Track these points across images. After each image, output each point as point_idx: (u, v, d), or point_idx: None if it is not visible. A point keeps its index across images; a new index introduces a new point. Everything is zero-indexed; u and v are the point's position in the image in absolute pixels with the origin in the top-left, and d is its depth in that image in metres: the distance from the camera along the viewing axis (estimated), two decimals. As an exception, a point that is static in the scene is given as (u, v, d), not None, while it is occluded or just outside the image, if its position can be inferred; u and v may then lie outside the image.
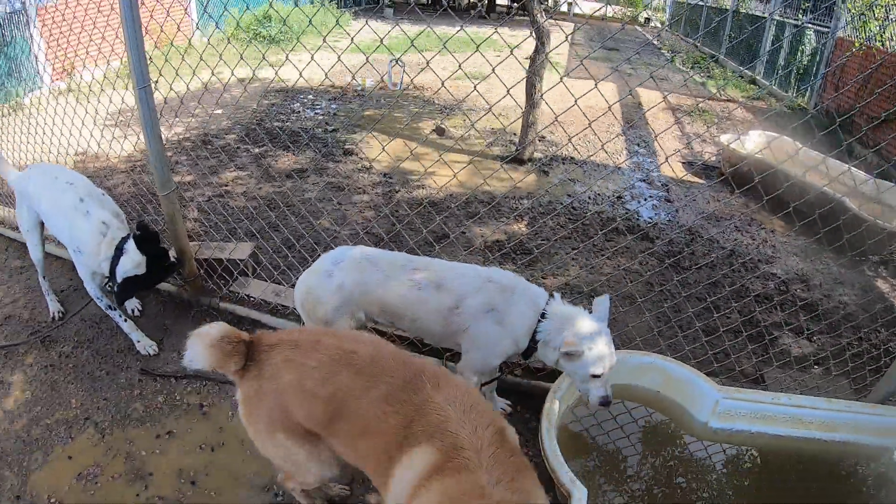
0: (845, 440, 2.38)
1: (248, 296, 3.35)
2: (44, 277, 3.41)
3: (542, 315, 2.17)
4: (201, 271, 3.46)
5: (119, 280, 2.84)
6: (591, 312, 2.19)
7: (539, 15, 4.86)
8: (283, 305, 3.26)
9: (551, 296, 2.22)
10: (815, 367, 3.17)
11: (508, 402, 2.71)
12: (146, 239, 2.85)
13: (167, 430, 2.69)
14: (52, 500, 2.38)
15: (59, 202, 2.99)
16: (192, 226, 4.49)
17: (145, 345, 3.15)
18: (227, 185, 5.24)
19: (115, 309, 3.09)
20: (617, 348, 2.15)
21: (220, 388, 2.92)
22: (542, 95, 5.25)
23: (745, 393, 2.37)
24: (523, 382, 2.75)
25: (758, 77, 9.84)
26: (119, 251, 2.84)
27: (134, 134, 6.19)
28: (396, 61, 7.77)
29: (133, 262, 2.81)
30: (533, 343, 2.19)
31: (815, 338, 3.49)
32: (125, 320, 3.11)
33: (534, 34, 4.99)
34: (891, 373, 2.55)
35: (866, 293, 4.09)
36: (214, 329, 1.69)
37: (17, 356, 3.19)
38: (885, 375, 2.58)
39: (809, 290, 4.06)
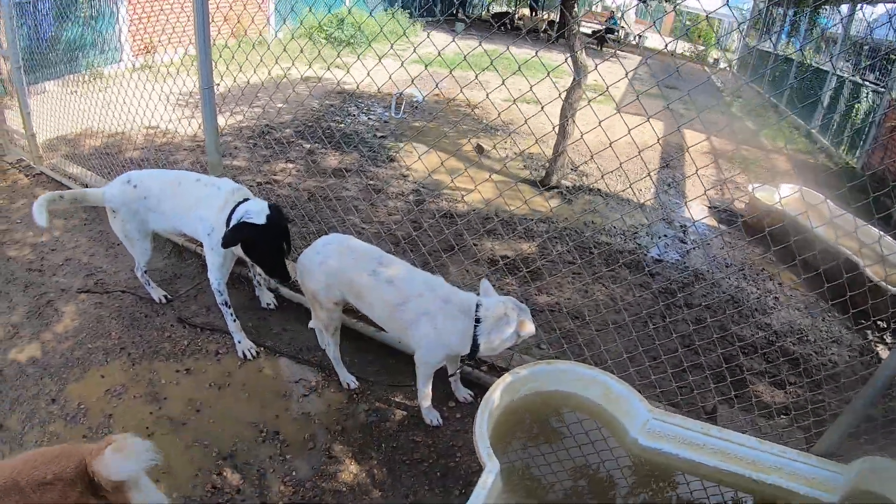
0: (777, 484, 2.45)
1: (272, 271, 3.83)
2: (144, 272, 3.60)
3: (477, 321, 2.53)
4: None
5: (233, 223, 2.80)
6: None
7: (579, 52, 5.20)
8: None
9: (478, 305, 2.58)
10: (782, 416, 3.33)
11: (471, 393, 3.09)
12: (275, 206, 2.91)
13: (186, 367, 3.20)
14: (81, 406, 2.91)
15: (186, 197, 3.09)
16: (240, 207, 5.05)
17: (245, 347, 3.25)
18: (276, 175, 5.80)
19: (229, 306, 3.18)
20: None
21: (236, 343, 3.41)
22: (575, 128, 5.57)
23: (674, 417, 2.54)
24: (485, 377, 3.14)
25: (813, 131, 9.78)
26: (242, 202, 2.89)
27: (198, 117, 6.86)
28: (401, 94, 8.31)
29: (253, 207, 2.79)
30: (475, 345, 2.56)
31: (789, 389, 3.63)
32: (234, 319, 3.22)
33: (572, 68, 5.33)
34: (834, 428, 2.63)
35: (861, 356, 4.17)
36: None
37: (72, 292, 3.77)
38: (829, 430, 2.66)
39: (801, 344, 4.18)
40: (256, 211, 2.81)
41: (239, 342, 3.30)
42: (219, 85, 3.50)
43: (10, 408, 2.90)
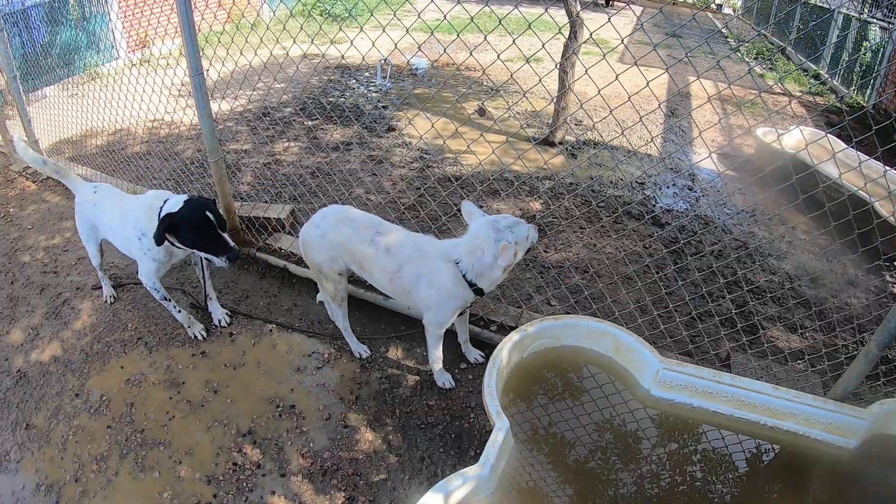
0: (794, 431, 2.42)
1: (279, 248, 3.88)
2: (101, 270, 3.66)
3: (457, 262, 2.51)
4: (244, 226, 4.00)
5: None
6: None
7: (574, 4, 5.07)
8: (305, 257, 3.77)
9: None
10: (798, 362, 3.29)
11: (482, 353, 3.12)
12: (193, 196, 2.95)
13: (201, 350, 3.26)
14: (103, 397, 3.00)
15: (120, 207, 3.18)
16: (245, 189, 5.07)
17: (196, 330, 3.37)
18: (278, 154, 5.80)
19: (169, 300, 3.28)
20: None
21: (249, 322, 3.47)
22: (573, 83, 5.47)
23: (685, 366, 2.51)
24: (496, 338, 3.15)
25: (821, 72, 9.52)
26: (166, 201, 2.94)
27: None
28: (385, 60, 8.25)
29: (172, 203, 2.87)
30: (473, 285, 2.53)
31: (804, 334, 3.59)
32: (178, 311, 3.32)
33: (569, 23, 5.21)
34: (850, 372, 2.57)
35: (878, 297, 4.09)
36: None
37: (87, 289, 3.84)
38: (844, 374, 2.60)
39: (816, 288, 4.12)
40: (174, 203, 2.86)
41: (189, 327, 3.38)
42: (208, 71, 3.48)
43: (35, 406, 3.00)
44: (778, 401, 2.42)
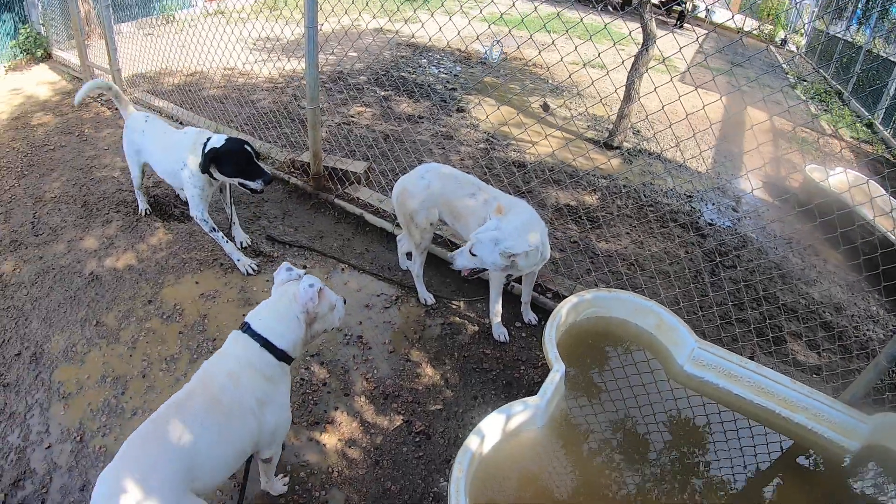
0: (803, 424, 2.60)
1: (357, 198, 4.23)
2: (139, 189, 4.06)
3: None
4: (325, 174, 4.36)
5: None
6: None
7: (649, 20, 5.33)
8: (382, 210, 4.12)
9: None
10: (814, 375, 3.54)
11: (536, 317, 3.44)
12: (233, 137, 3.41)
13: (274, 278, 3.62)
14: (177, 306, 3.31)
15: (167, 142, 3.62)
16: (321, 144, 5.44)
17: (245, 263, 3.62)
18: (353, 117, 6.15)
19: (217, 231, 3.56)
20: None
21: (322, 259, 3.80)
22: (638, 94, 5.74)
23: (716, 348, 2.79)
24: (550, 304, 3.47)
25: (875, 121, 9.63)
26: (209, 139, 3.36)
27: (274, 60, 7.24)
28: (498, 42, 8.80)
29: (214, 138, 3.32)
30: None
31: (823, 354, 3.80)
32: (227, 242, 3.59)
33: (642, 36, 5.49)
34: (859, 379, 2.80)
35: (896, 335, 4.34)
36: None
37: (166, 209, 4.18)
38: (854, 383, 2.83)
39: (839, 316, 4.37)
40: (217, 139, 3.31)
41: (238, 260, 3.64)
42: (323, 25, 3.81)
43: (107, 307, 3.30)
44: (794, 393, 2.65)
